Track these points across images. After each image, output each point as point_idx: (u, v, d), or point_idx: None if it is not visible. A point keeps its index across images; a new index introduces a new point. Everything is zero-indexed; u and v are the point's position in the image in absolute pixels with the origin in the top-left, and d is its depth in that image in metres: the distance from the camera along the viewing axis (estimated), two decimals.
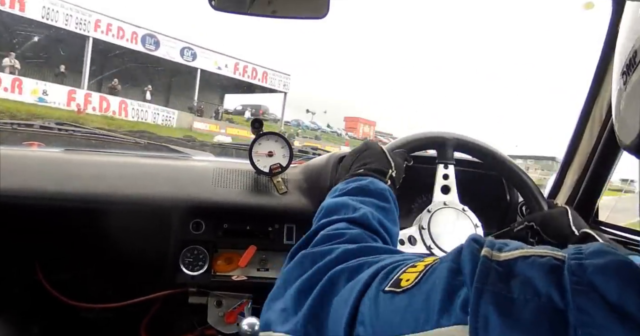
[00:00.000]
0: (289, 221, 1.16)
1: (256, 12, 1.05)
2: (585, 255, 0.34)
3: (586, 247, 0.36)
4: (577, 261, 0.34)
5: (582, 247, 0.36)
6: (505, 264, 0.36)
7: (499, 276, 0.35)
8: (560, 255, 0.35)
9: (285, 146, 1.21)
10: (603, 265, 0.32)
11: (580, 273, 0.32)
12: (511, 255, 0.36)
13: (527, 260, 0.35)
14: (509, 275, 0.35)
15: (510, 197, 1.23)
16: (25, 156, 1.24)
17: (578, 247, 0.36)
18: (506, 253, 0.37)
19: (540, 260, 0.35)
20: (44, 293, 1.19)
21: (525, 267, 0.35)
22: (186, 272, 1.11)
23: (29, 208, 1.09)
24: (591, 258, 0.34)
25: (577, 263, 0.33)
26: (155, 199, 1.12)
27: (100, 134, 1.66)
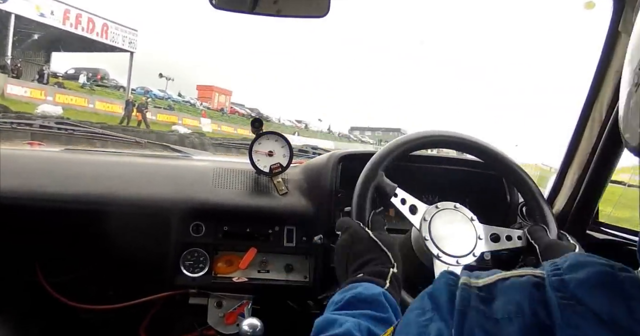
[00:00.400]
0: (289, 223, 1.16)
1: (257, 10, 1.05)
2: (563, 269, 0.34)
3: (561, 260, 0.35)
4: (557, 277, 0.34)
5: (557, 262, 0.35)
6: (485, 289, 0.36)
7: (480, 300, 0.35)
8: (538, 272, 0.35)
9: (285, 145, 1.21)
10: (585, 278, 0.32)
11: (563, 289, 0.32)
12: (489, 279, 0.36)
13: (506, 282, 0.35)
14: (491, 298, 0.34)
15: (511, 197, 1.23)
16: (25, 156, 1.24)
17: (553, 263, 0.36)
18: (484, 278, 0.37)
19: (520, 280, 0.35)
20: (43, 294, 1.19)
21: (506, 288, 0.35)
22: (187, 274, 1.11)
23: (28, 208, 1.09)
24: (570, 272, 0.33)
25: (558, 280, 0.33)
26: (155, 200, 1.12)
27: (100, 133, 1.66)
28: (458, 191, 1.23)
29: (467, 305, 0.34)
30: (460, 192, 1.23)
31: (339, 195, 1.15)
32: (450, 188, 1.24)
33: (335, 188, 1.15)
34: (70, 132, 1.60)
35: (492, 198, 1.24)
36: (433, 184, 1.26)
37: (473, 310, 0.34)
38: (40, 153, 1.32)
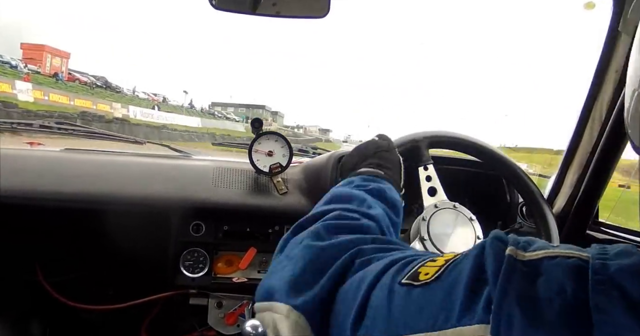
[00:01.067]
0: (289, 222, 1.15)
1: (257, 11, 1.05)
2: (610, 255, 0.34)
3: (611, 247, 0.35)
4: (602, 261, 0.33)
5: (607, 248, 0.35)
6: (530, 264, 0.35)
7: (523, 276, 0.34)
8: (585, 255, 0.34)
9: (285, 145, 1.21)
10: (628, 264, 0.32)
11: (603, 272, 0.32)
12: (536, 255, 0.36)
13: (553, 261, 0.35)
14: (535, 275, 0.34)
15: (510, 197, 1.23)
16: (25, 155, 1.24)
17: (603, 247, 0.35)
18: (531, 252, 0.36)
19: (567, 261, 0.34)
20: (43, 294, 1.19)
21: (551, 268, 0.34)
22: (187, 274, 1.11)
23: (28, 208, 1.09)
24: (616, 258, 0.33)
25: (600, 263, 0.33)
26: (155, 199, 1.12)
27: (100, 133, 1.65)
28: (458, 191, 1.23)
29: (510, 281, 0.34)
30: (460, 192, 1.22)
31: None
32: (450, 188, 1.24)
33: None
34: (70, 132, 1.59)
35: (492, 198, 1.24)
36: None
37: (514, 286, 0.34)
38: (40, 152, 1.32)
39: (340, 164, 0.87)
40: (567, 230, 1.24)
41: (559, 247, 0.37)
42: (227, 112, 53.24)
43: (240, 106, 64.34)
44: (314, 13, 1.08)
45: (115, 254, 1.19)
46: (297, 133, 60.16)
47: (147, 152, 1.47)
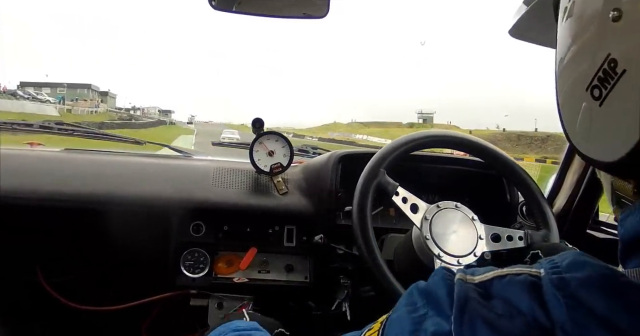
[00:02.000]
0: (289, 222, 1.16)
1: (257, 11, 1.05)
2: (562, 268, 0.34)
3: (560, 258, 0.35)
4: (557, 275, 0.33)
5: (555, 259, 0.35)
6: (482, 285, 0.35)
7: (479, 295, 0.34)
8: (535, 271, 0.34)
9: (285, 145, 1.21)
10: (585, 278, 0.32)
11: (564, 288, 0.32)
12: (485, 276, 0.36)
13: (503, 280, 0.35)
14: (488, 296, 0.34)
15: (511, 196, 1.23)
16: (25, 156, 1.24)
17: (551, 260, 0.35)
18: (480, 275, 0.36)
19: (517, 278, 0.34)
20: (44, 295, 1.19)
21: (502, 287, 0.34)
22: (187, 275, 1.11)
23: (28, 208, 1.09)
24: (569, 271, 0.33)
25: (558, 278, 0.33)
26: (155, 199, 1.12)
27: (100, 134, 1.66)
28: (458, 190, 1.23)
29: (466, 297, 0.34)
30: (461, 192, 1.22)
31: (339, 195, 1.15)
32: (451, 188, 1.24)
33: (335, 187, 1.15)
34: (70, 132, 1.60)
35: (493, 198, 1.24)
36: (433, 183, 1.26)
37: (473, 301, 0.34)
38: (40, 153, 1.31)
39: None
40: (567, 230, 1.24)
41: (508, 267, 0.37)
42: (39, 92, 46.86)
43: (59, 85, 56.74)
44: (313, 13, 1.08)
45: (115, 254, 1.19)
46: (133, 115, 54.78)
47: (147, 152, 1.46)
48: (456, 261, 0.89)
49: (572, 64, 0.42)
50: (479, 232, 0.93)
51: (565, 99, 0.44)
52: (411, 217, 0.92)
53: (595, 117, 0.39)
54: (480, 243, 0.92)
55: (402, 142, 1.00)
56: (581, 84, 0.39)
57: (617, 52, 0.36)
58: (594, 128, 0.39)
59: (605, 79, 0.37)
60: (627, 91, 0.35)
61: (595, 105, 0.38)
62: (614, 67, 0.36)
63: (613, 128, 0.37)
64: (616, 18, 0.36)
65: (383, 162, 0.95)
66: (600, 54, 0.37)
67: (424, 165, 1.24)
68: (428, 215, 0.91)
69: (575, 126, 0.42)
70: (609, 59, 0.36)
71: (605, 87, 0.37)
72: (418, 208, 0.92)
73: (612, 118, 0.37)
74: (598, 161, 0.40)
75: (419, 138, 1.01)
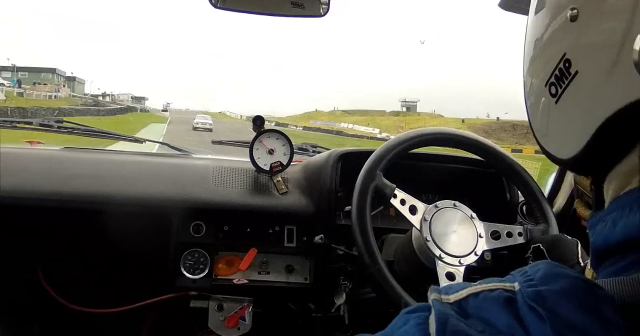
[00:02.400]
0: (290, 222, 1.16)
1: (257, 10, 1.05)
2: (537, 280, 0.33)
3: (532, 270, 0.34)
4: (533, 288, 0.32)
5: (528, 271, 0.34)
6: (457, 305, 0.34)
7: (456, 313, 0.33)
8: (509, 285, 0.34)
9: (286, 144, 1.21)
10: (561, 291, 0.32)
11: (541, 301, 0.31)
12: (460, 295, 0.35)
13: (478, 297, 0.34)
14: (465, 315, 0.33)
15: (511, 195, 1.22)
16: (25, 154, 1.24)
17: (524, 273, 0.35)
18: (454, 294, 0.35)
19: (491, 295, 0.34)
20: (44, 296, 1.19)
21: (478, 305, 0.33)
22: (187, 276, 1.10)
23: (27, 207, 1.09)
24: (544, 284, 0.33)
25: (534, 291, 0.32)
26: (155, 199, 1.12)
27: (99, 132, 1.65)
28: (458, 189, 1.23)
29: (446, 315, 0.33)
30: (461, 190, 1.22)
31: (339, 194, 1.15)
32: (451, 187, 1.24)
33: (335, 186, 1.14)
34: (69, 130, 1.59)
35: (492, 197, 1.23)
36: (433, 182, 1.26)
37: (452, 318, 0.33)
38: (40, 151, 1.31)
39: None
40: (567, 230, 1.23)
41: (480, 282, 0.36)
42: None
43: (20, 69, 54.66)
44: (313, 12, 1.07)
45: (115, 255, 1.19)
46: (100, 101, 51.59)
47: (147, 151, 1.46)
48: (457, 261, 0.88)
49: (535, 58, 0.43)
50: (478, 230, 0.93)
51: (528, 92, 0.45)
52: (410, 218, 0.92)
53: (551, 113, 0.40)
54: (480, 242, 0.92)
55: (400, 141, 0.99)
56: (541, 79, 0.40)
57: (572, 52, 0.36)
58: (550, 124, 0.40)
59: (561, 77, 0.37)
60: (578, 92, 0.36)
61: (552, 102, 0.39)
62: (568, 67, 0.37)
63: (567, 127, 0.38)
64: (573, 17, 0.36)
65: (379, 163, 0.95)
66: (558, 52, 0.38)
67: (422, 163, 1.24)
68: (427, 216, 0.91)
69: (537, 120, 0.43)
70: (564, 59, 0.37)
71: (560, 86, 0.38)
72: (417, 210, 0.92)
73: (565, 116, 0.38)
74: (555, 157, 0.41)
75: (417, 136, 1.01)
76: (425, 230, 0.90)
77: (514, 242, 0.97)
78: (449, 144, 1.06)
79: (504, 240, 0.96)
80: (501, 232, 0.96)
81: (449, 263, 0.88)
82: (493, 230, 0.95)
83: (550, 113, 0.40)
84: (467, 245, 0.91)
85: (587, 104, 0.35)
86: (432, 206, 0.93)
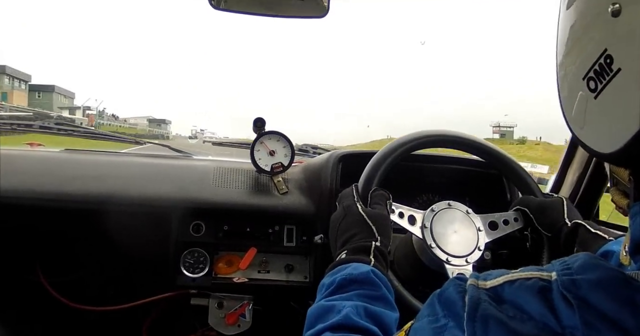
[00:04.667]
0: (290, 222, 1.16)
1: (257, 11, 1.05)
2: (574, 269, 0.34)
3: (572, 260, 0.35)
4: (568, 277, 0.33)
5: (568, 261, 0.35)
6: (493, 290, 0.35)
7: (490, 299, 0.34)
8: (546, 275, 0.35)
9: (287, 145, 1.21)
10: (596, 280, 0.32)
11: (575, 290, 0.32)
12: (497, 281, 0.36)
13: (514, 285, 0.35)
14: (500, 301, 0.34)
15: (511, 195, 1.23)
16: (25, 156, 1.24)
17: (563, 262, 0.35)
18: (492, 280, 0.36)
19: (527, 283, 0.34)
20: (45, 295, 1.19)
21: (513, 292, 0.34)
22: (187, 275, 1.11)
23: (28, 208, 1.09)
24: (581, 273, 0.33)
25: (569, 279, 0.33)
26: (155, 199, 1.12)
27: (99, 134, 1.66)
28: (457, 190, 1.23)
29: (478, 299, 0.34)
30: (460, 191, 1.22)
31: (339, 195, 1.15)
32: (450, 187, 1.24)
33: (335, 187, 1.15)
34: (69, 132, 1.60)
35: (492, 197, 1.24)
36: (432, 183, 1.26)
37: (485, 303, 0.34)
38: (41, 153, 1.32)
39: (330, 234, 0.85)
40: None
41: (519, 270, 0.37)
42: None
43: None
44: (313, 13, 1.08)
45: (115, 254, 1.19)
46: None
47: (147, 153, 1.47)
48: (464, 261, 0.89)
49: (572, 51, 0.42)
50: (476, 225, 0.93)
51: (563, 85, 0.44)
52: (411, 229, 0.92)
53: (590, 108, 0.39)
54: (480, 236, 0.92)
55: (399, 143, 0.99)
56: (579, 72, 0.40)
57: (614, 49, 0.36)
58: (588, 118, 0.40)
59: (601, 73, 0.37)
60: (620, 90, 0.35)
61: (590, 97, 0.38)
62: (609, 63, 0.36)
63: (606, 122, 0.38)
64: (616, 12, 0.35)
65: (372, 180, 0.93)
66: (598, 47, 0.37)
67: (422, 164, 1.24)
68: (426, 223, 0.91)
69: (571, 113, 0.42)
70: (605, 55, 0.36)
71: (600, 81, 0.37)
72: (415, 219, 0.92)
73: (605, 112, 0.38)
74: (593, 150, 0.40)
75: (416, 139, 1.00)
76: (427, 237, 0.90)
77: (513, 228, 0.97)
78: (448, 146, 1.07)
79: (502, 228, 0.96)
80: (498, 221, 0.96)
81: (456, 265, 0.88)
82: (490, 221, 0.96)
83: (589, 107, 0.39)
84: (469, 243, 0.91)
85: (630, 101, 0.34)
86: (429, 211, 0.93)
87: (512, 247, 1.07)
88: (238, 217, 1.14)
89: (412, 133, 1.04)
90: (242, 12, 1.06)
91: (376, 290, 0.66)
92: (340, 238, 0.79)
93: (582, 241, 0.83)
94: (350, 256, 0.73)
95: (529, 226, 0.97)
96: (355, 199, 0.85)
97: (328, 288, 0.68)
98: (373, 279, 0.68)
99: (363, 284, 0.67)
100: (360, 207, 0.82)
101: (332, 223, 0.85)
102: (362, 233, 0.77)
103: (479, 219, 0.94)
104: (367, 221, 0.79)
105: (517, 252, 1.05)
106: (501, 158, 1.06)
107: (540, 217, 0.93)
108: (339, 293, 0.66)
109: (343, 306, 0.62)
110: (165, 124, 67.12)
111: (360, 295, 0.65)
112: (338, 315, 0.61)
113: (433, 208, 0.94)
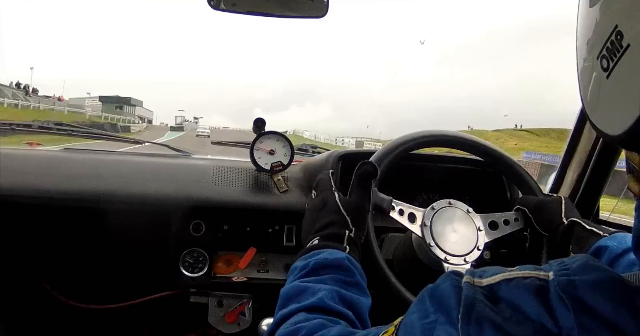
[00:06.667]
0: (289, 222, 1.16)
1: (256, 11, 1.05)
2: (572, 270, 0.33)
3: (570, 261, 0.35)
4: (566, 277, 0.33)
5: (566, 262, 0.35)
6: (489, 289, 0.35)
7: (486, 298, 0.34)
8: (543, 274, 0.34)
9: (286, 145, 1.21)
10: (594, 282, 0.32)
11: (571, 291, 0.32)
12: (493, 279, 0.36)
13: (511, 283, 0.35)
14: (496, 300, 0.34)
15: (511, 194, 1.23)
16: (25, 155, 1.24)
17: (562, 263, 0.35)
18: (488, 278, 0.36)
19: (525, 282, 0.34)
20: (45, 294, 1.19)
21: (510, 291, 0.34)
22: (186, 274, 1.11)
23: (28, 207, 1.09)
24: (579, 274, 0.33)
25: (566, 280, 0.33)
26: (155, 199, 1.12)
27: (99, 134, 1.66)
28: (458, 189, 1.23)
29: (473, 300, 0.34)
30: (460, 190, 1.23)
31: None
32: (450, 187, 1.24)
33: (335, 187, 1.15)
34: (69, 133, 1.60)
35: (492, 196, 1.24)
36: (433, 183, 1.26)
37: (480, 303, 0.33)
38: (40, 152, 1.31)
39: (303, 223, 0.84)
40: None
41: (516, 269, 0.36)
42: None
43: None
44: (313, 13, 1.08)
45: (115, 253, 1.19)
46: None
47: (147, 152, 1.46)
48: (463, 260, 0.89)
49: (587, 30, 0.41)
50: (477, 224, 0.93)
51: (581, 70, 0.43)
52: (411, 227, 0.91)
53: (603, 88, 0.38)
54: (481, 235, 0.92)
55: (398, 143, 0.98)
56: (593, 51, 0.39)
57: (624, 25, 0.35)
58: (601, 99, 0.39)
59: (613, 51, 0.36)
60: (631, 66, 0.34)
61: (603, 77, 0.37)
62: (620, 39, 0.35)
63: (616, 103, 0.37)
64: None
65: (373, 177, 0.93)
66: (610, 24, 0.36)
67: (423, 164, 1.24)
68: (426, 221, 0.91)
69: (588, 96, 0.41)
70: (616, 31, 0.35)
71: (612, 60, 0.36)
72: (415, 217, 0.92)
73: (616, 92, 0.37)
74: (604, 133, 0.39)
75: (415, 139, 1.00)
76: (427, 236, 0.90)
77: (513, 229, 0.97)
78: (448, 146, 1.07)
79: (503, 228, 0.96)
80: (498, 221, 0.96)
81: (455, 264, 0.88)
82: (490, 221, 0.96)
83: (602, 88, 0.38)
84: (469, 243, 0.91)
85: (638, 79, 0.33)
86: (430, 209, 0.93)
87: (512, 246, 1.07)
88: (238, 216, 1.14)
89: (410, 134, 1.04)
90: (242, 12, 1.06)
91: (351, 276, 0.66)
92: (315, 226, 0.78)
93: (578, 239, 0.83)
94: (324, 242, 0.73)
95: (529, 226, 0.97)
96: (333, 189, 0.85)
97: (302, 271, 0.67)
98: (348, 266, 0.67)
99: (338, 270, 0.66)
100: (338, 197, 0.82)
101: (309, 212, 0.84)
102: (337, 224, 0.77)
103: (479, 219, 0.94)
104: (342, 212, 0.78)
105: (517, 252, 1.05)
106: (501, 159, 1.06)
107: (538, 217, 0.93)
108: (313, 277, 0.65)
109: (318, 289, 0.61)
110: (131, 107, 47.86)
111: (335, 280, 0.64)
112: (313, 297, 0.60)
113: (434, 206, 0.93)
